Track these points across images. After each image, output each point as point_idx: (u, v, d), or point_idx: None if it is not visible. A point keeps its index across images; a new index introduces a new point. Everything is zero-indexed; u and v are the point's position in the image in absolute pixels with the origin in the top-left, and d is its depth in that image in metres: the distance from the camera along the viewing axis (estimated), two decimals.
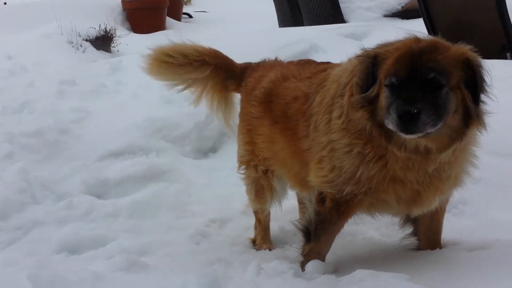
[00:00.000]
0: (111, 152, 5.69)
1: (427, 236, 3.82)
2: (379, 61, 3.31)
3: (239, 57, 4.65)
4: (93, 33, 11.23)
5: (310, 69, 4.11)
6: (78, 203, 5.05)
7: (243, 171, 4.44)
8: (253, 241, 4.44)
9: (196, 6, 19.04)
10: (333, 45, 7.86)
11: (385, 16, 12.68)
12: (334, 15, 11.64)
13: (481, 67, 3.27)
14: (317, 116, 3.69)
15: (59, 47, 10.68)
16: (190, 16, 17.10)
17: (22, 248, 4.55)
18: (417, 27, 8.88)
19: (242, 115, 4.41)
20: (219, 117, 4.71)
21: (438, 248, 3.77)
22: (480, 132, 3.38)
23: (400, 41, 3.37)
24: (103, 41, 11.26)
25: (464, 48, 3.28)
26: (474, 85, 3.22)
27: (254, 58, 4.67)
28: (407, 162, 3.35)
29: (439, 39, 3.35)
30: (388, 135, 3.30)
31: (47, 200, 5.13)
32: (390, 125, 3.17)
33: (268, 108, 4.13)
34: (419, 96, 3.11)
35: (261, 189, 4.34)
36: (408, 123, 3.08)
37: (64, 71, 7.68)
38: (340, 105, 3.53)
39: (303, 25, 11.32)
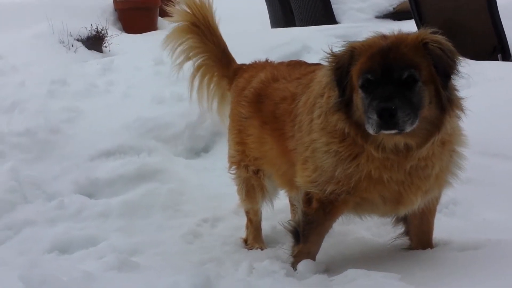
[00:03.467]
0: (102, 152, 5.68)
1: (418, 236, 3.83)
2: (355, 56, 3.32)
3: None
4: (85, 33, 11.16)
5: (300, 70, 4.12)
6: (69, 202, 5.03)
7: (234, 171, 4.45)
8: (245, 241, 4.44)
9: None
10: (325, 46, 7.85)
11: (377, 17, 12.69)
12: (326, 16, 11.65)
13: (441, 47, 3.26)
14: (301, 116, 3.71)
15: (50, 47, 10.61)
16: None
17: (13, 248, 4.53)
18: (409, 29, 8.92)
19: (233, 115, 4.42)
20: (214, 107, 4.78)
21: (429, 248, 3.78)
22: (459, 118, 3.38)
23: (368, 39, 3.39)
24: (94, 41, 11.18)
25: (421, 32, 3.30)
26: (439, 70, 3.23)
27: (246, 58, 4.68)
28: (384, 162, 3.35)
29: (402, 34, 3.36)
30: (365, 135, 3.31)
31: (38, 200, 5.12)
32: (370, 126, 3.17)
33: (257, 108, 4.13)
34: (396, 93, 3.12)
35: (252, 189, 4.34)
36: (388, 120, 3.09)
37: (55, 70, 7.65)
38: (320, 105, 3.56)
39: (295, 26, 11.33)
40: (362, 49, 3.32)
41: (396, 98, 3.11)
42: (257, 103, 4.14)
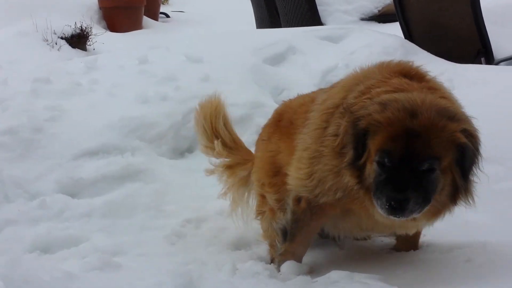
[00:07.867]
0: (86, 151, 5.63)
1: (405, 237, 3.83)
2: (370, 132, 3.10)
3: (217, 57, 4.66)
4: (69, 31, 11.11)
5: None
6: (52, 202, 4.98)
7: None
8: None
9: (174, 5, 18.99)
10: (311, 47, 7.90)
11: (362, 19, 12.77)
12: (312, 18, 11.68)
13: (474, 148, 3.13)
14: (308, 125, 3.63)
15: (34, 45, 10.55)
16: (168, 16, 17.05)
17: None
18: (394, 31, 8.98)
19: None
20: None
21: (412, 250, 3.81)
22: (468, 205, 3.30)
23: (391, 106, 3.07)
24: (78, 39, 11.14)
25: (459, 131, 3.06)
26: (464, 163, 3.12)
27: (232, 58, 4.66)
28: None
29: (435, 115, 3.03)
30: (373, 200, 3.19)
31: (20, 199, 5.06)
32: (377, 205, 3.07)
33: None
34: (411, 183, 2.98)
35: None
36: (397, 210, 2.99)
37: (39, 69, 7.58)
38: (338, 125, 3.36)
39: (281, 27, 11.35)
40: (384, 124, 3.06)
41: (410, 188, 2.98)
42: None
